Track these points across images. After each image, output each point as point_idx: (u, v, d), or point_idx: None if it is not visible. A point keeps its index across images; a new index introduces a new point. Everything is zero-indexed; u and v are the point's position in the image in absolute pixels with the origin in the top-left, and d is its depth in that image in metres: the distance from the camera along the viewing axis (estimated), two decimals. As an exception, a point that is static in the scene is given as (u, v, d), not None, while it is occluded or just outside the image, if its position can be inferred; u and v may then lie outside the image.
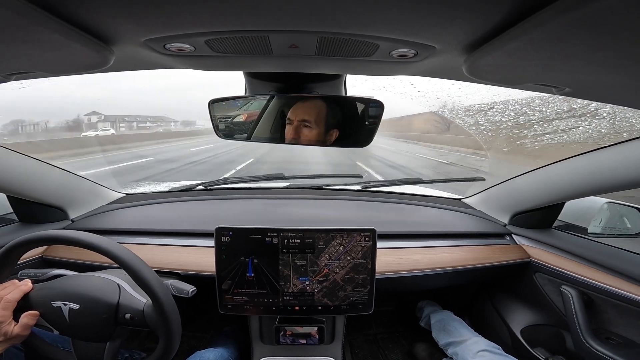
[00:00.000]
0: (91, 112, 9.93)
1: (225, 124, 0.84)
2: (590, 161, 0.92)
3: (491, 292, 1.39)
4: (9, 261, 0.74)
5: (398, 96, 5.85)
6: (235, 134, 0.86)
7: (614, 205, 1.10)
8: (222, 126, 0.83)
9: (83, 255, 1.00)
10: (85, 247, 0.69)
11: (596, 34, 0.34)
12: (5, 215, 1.17)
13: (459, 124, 4.42)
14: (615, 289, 0.92)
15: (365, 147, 0.80)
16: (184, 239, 1.12)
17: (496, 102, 4.56)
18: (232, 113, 0.84)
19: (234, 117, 0.84)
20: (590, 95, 0.62)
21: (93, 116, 10.28)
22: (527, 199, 1.17)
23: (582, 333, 0.97)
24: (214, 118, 0.82)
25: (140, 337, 1.50)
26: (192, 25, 0.43)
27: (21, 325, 0.69)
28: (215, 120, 0.82)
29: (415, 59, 0.54)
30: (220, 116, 0.83)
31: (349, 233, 0.91)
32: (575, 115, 3.45)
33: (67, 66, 0.55)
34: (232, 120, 0.84)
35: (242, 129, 0.84)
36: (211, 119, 0.81)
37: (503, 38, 0.40)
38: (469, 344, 1.10)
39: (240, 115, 0.83)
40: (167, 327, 0.70)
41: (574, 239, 1.11)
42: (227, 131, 0.85)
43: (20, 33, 0.39)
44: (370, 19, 0.41)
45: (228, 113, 0.84)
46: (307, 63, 0.61)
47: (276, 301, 0.93)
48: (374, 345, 1.58)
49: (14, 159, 0.95)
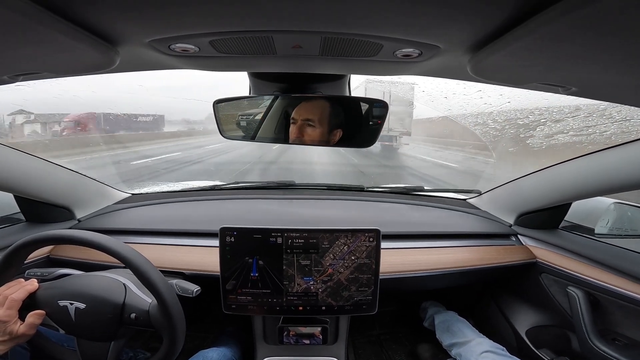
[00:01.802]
0: (18, 110, 7.85)
1: (229, 124, 0.84)
2: (597, 161, 0.91)
3: (496, 292, 1.38)
4: (16, 260, 0.74)
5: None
6: (239, 134, 0.86)
7: (621, 206, 1.09)
8: (226, 126, 0.83)
9: (89, 255, 1.01)
10: (91, 246, 0.70)
11: (602, 33, 0.34)
12: (13, 214, 1.19)
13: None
14: (622, 290, 0.91)
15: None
16: (188, 238, 1.12)
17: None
18: (236, 113, 0.85)
19: (238, 117, 0.84)
20: (596, 95, 0.61)
21: (19, 115, 8.13)
22: (533, 199, 1.16)
23: (588, 334, 0.96)
24: (219, 118, 0.82)
25: (144, 336, 1.51)
26: (196, 26, 0.43)
27: (27, 325, 0.69)
28: (219, 121, 0.82)
29: (419, 59, 0.53)
30: (224, 116, 0.83)
31: (353, 233, 0.91)
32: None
33: (73, 67, 0.56)
34: (236, 121, 0.85)
35: (247, 129, 0.84)
36: (216, 119, 0.82)
37: (508, 37, 0.39)
38: (472, 345, 1.09)
39: (244, 115, 0.84)
40: (172, 327, 0.71)
41: (580, 239, 1.10)
42: (232, 131, 0.85)
43: (27, 34, 0.39)
44: (374, 19, 0.40)
45: (232, 113, 0.85)
46: (310, 63, 0.61)
47: (280, 301, 0.93)
48: (377, 345, 1.58)
49: (21, 159, 0.97)
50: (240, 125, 0.85)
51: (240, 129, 0.85)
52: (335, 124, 0.78)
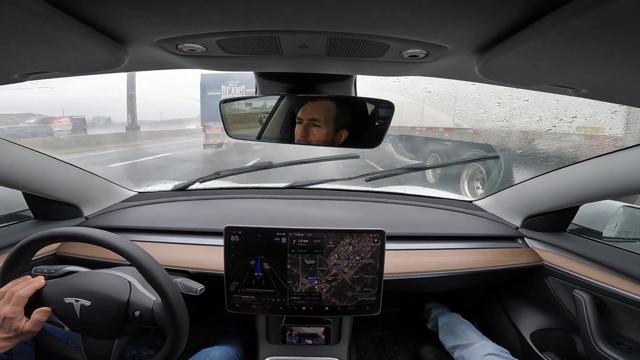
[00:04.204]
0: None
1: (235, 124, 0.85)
2: (606, 164, 0.90)
3: (500, 295, 1.37)
4: (24, 257, 0.75)
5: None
6: (245, 133, 0.86)
7: (629, 209, 1.07)
8: (232, 125, 0.84)
9: (96, 253, 1.02)
10: (98, 244, 0.71)
11: (615, 34, 0.33)
12: (21, 212, 1.21)
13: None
14: (630, 294, 0.90)
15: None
16: (193, 237, 1.13)
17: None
18: (242, 113, 0.85)
19: (244, 116, 0.85)
20: (607, 97, 0.60)
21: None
22: (541, 202, 1.15)
23: (593, 337, 0.95)
24: (225, 118, 0.82)
25: (148, 334, 1.52)
26: (203, 25, 0.43)
27: (33, 321, 0.70)
28: (226, 120, 0.83)
29: (426, 60, 0.53)
30: (230, 116, 0.83)
31: (357, 234, 0.90)
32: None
33: (83, 66, 0.56)
34: (242, 120, 0.85)
35: (252, 129, 0.85)
36: (222, 118, 0.82)
37: (517, 38, 0.39)
38: (475, 348, 1.08)
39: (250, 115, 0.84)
40: (176, 326, 0.71)
41: (588, 242, 1.09)
42: (238, 130, 0.85)
43: (38, 33, 0.40)
44: (380, 19, 0.40)
45: (238, 113, 0.85)
46: (317, 63, 0.61)
47: (283, 301, 0.93)
48: (379, 347, 1.57)
49: (30, 156, 0.98)
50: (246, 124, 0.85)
51: (246, 128, 0.86)
52: (341, 124, 0.78)
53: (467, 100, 2.84)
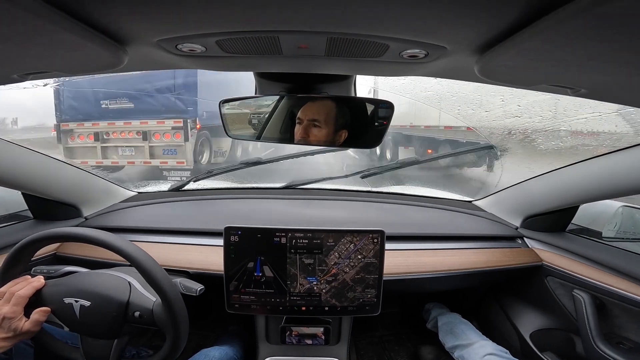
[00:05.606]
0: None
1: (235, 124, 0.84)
2: (606, 164, 0.90)
3: (500, 295, 1.37)
4: (23, 257, 0.75)
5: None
6: (244, 134, 0.86)
7: (629, 209, 1.07)
8: (232, 126, 0.84)
9: (95, 253, 1.02)
10: (97, 244, 0.70)
11: (615, 34, 0.33)
12: (20, 212, 1.20)
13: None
14: (629, 294, 0.90)
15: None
16: (193, 237, 1.13)
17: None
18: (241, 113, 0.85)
19: (243, 117, 0.85)
20: (607, 97, 0.60)
21: None
22: (540, 202, 1.15)
23: (593, 337, 0.95)
24: (224, 118, 0.82)
25: (147, 334, 1.52)
26: (203, 25, 0.43)
27: (32, 321, 0.70)
28: (225, 120, 0.83)
29: (426, 60, 0.53)
30: (230, 116, 0.83)
31: (357, 234, 0.90)
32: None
33: (83, 66, 0.56)
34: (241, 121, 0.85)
35: (252, 129, 0.85)
36: (221, 118, 0.82)
37: (517, 38, 0.39)
38: (475, 348, 1.08)
39: (249, 115, 0.84)
40: (175, 326, 0.71)
41: (588, 242, 1.09)
42: (237, 130, 0.85)
43: (36, 33, 0.40)
44: (380, 20, 0.40)
45: (238, 113, 0.85)
46: (316, 63, 0.61)
47: (283, 301, 0.93)
48: (379, 347, 1.57)
49: (30, 156, 0.98)
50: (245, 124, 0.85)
51: (245, 128, 0.86)
52: (341, 124, 0.78)
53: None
